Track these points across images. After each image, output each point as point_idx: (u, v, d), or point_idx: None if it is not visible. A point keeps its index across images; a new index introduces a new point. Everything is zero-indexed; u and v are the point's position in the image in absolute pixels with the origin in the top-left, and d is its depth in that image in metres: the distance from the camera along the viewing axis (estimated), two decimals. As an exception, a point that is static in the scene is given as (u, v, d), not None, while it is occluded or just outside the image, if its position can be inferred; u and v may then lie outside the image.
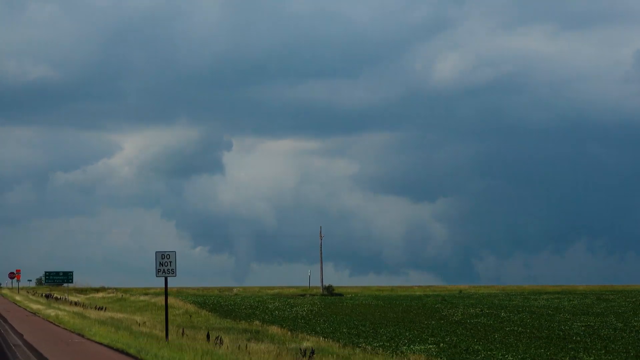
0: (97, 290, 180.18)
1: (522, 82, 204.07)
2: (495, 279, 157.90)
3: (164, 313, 77.21)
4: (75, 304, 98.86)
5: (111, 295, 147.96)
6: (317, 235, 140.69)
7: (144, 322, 60.14)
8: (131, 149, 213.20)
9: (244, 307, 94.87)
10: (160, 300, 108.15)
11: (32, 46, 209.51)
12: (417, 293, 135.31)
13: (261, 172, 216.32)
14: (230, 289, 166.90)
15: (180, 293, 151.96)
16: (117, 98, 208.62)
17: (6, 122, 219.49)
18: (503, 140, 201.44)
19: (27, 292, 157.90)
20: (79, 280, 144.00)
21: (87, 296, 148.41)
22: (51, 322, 56.60)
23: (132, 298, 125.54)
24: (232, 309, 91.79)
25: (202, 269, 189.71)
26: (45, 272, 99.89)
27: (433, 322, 62.51)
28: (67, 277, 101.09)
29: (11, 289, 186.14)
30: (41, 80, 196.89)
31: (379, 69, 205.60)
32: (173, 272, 40.57)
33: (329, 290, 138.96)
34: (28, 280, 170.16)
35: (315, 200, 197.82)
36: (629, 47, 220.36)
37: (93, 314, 69.86)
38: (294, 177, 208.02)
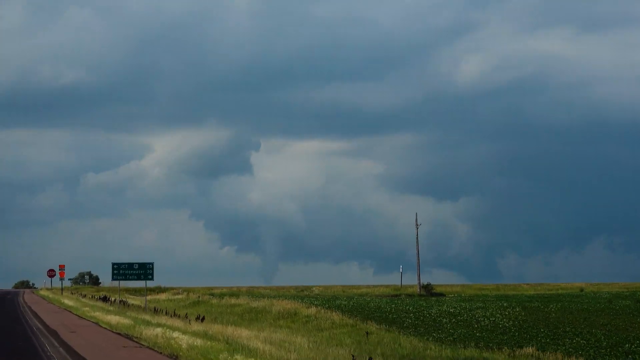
0: (154, 290, 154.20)
1: (543, 83, 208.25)
2: (517, 277, 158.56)
3: (309, 326, 57.96)
4: (155, 310, 69.69)
5: (179, 296, 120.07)
6: (344, 234, 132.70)
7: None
8: (161, 151, 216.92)
9: (390, 312, 67.73)
10: (265, 304, 79.10)
11: (67, 50, 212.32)
12: (529, 292, 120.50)
13: (288, 172, 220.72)
14: (308, 288, 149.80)
15: (252, 293, 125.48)
16: (149, 101, 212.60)
17: (40, 124, 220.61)
18: (524, 140, 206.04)
19: (72, 293, 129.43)
20: (105, 281, 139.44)
21: (148, 298, 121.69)
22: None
23: (214, 301, 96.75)
24: (385, 316, 63.39)
25: (230, 269, 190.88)
26: (114, 265, 70.67)
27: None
28: (145, 270, 71.76)
29: (51, 289, 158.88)
30: (74, 83, 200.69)
31: (403, 71, 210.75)
32: None
33: (428, 289, 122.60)
34: (61, 279, 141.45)
35: (341, 200, 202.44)
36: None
37: (224, 334, 41.51)
38: (320, 177, 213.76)
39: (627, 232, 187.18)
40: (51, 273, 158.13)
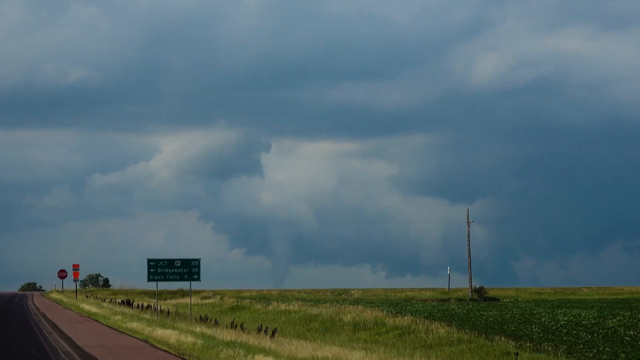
0: (176, 293, 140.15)
1: (560, 82, 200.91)
2: (532, 281, 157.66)
3: (408, 341, 48.29)
4: (203, 319, 55.99)
5: (210, 301, 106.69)
6: (356, 237, 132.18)
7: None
8: (169, 152, 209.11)
9: (496, 322, 54.49)
10: (330, 312, 65.79)
11: (73, 48, 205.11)
12: (593, 297, 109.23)
13: (299, 174, 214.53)
14: (347, 291, 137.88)
15: (284, 297, 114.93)
16: (156, 100, 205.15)
17: (46, 124, 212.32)
18: (540, 141, 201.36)
19: (87, 296, 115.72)
20: (114, 283, 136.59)
21: (172, 302, 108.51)
22: None
23: (258, 306, 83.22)
24: (490, 326, 49.70)
25: (239, 271, 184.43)
26: (150, 262, 57.05)
27: None
28: (190, 269, 58.16)
29: (62, 291, 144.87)
30: (80, 82, 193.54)
31: (417, 71, 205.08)
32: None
33: (480, 293, 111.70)
34: (75, 281, 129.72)
35: (353, 202, 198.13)
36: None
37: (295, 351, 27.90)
38: (332, 178, 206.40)
39: None
40: (62, 274, 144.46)
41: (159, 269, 58.75)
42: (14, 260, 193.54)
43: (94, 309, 69.58)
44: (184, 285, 60.42)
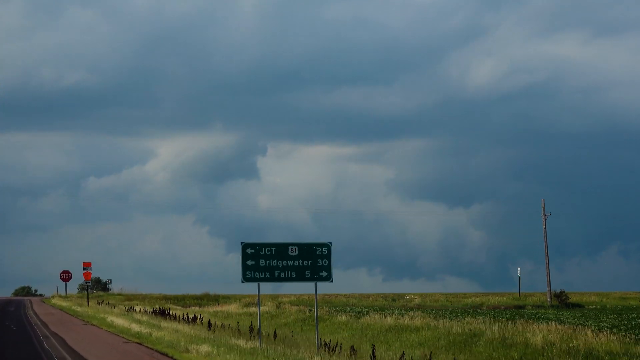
0: (201, 298, 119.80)
1: (556, 88, 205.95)
2: (530, 286, 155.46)
3: None
4: (329, 347, 32.26)
5: (262, 309, 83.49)
6: (353, 241, 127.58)
7: None
8: (166, 155, 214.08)
9: None
10: (411, 321, 44.27)
11: (69, 52, 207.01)
12: None
13: (296, 177, 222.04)
14: (401, 295, 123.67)
15: (330, 303, 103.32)
16: (153, 104, 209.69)
17: (41, 127, 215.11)
18: (536, 145, 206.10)
19: (99, 303, 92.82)
20: (114, 287, 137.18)
21: (208, 310, 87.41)
22: None
23: (341, 318, 62.37)
24: None
25: (236, 275, 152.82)
26: (247, 248, 33.32)
27: None
28: (314, 260, 35.32)
29: (66, 297, 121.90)
30: (77, 86, 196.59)
31: (414, 76, 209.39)
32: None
33: (561, 298, 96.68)
34: (86, 283, 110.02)
35: (350, 206, 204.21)
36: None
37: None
38: (329, 182, 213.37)
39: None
40: (66, 276, 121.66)
41: (261, 260, 35.87)
42: (7, 264, 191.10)
43: (134, 326, 46.13)
44: (304, 287, 38.52)
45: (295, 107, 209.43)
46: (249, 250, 36.69)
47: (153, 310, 71.15)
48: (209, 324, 47.63)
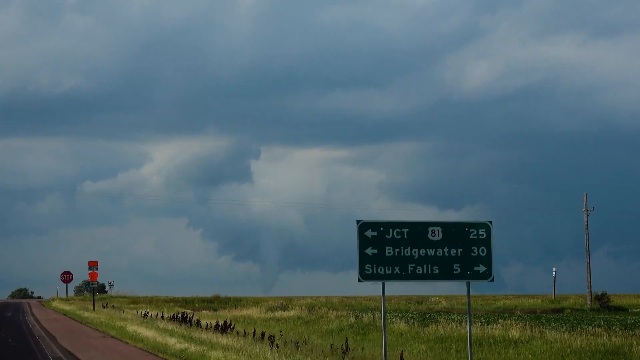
0: (211, 300, 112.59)
1: (551, 90, 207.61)
2: (519, 287, 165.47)
3: None
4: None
5: (286, 313, 76.10)
6: (344, 243, 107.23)
7: None
8: (160, 159, 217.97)
9: None
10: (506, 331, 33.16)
11: (65, 57, 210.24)
12: None
13: (289, 181, 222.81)
14: (425, 298, 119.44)
15: (349, 305, 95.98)
16: (148, 108, 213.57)
17: (37, 132, 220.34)
18: (530, 148, 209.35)
19: (104, 306, 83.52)
20: (111, 290, 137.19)
21: (225, 314, 79.69)
22: None
23: (400, 326, 52.40)
24: None
25: (228, 278, 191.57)
26: (362, 227, 22.85)
27: None
28: (467, 247, 24.80)
29: (67, 299, 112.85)
30: (73, 91, 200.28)
31: (408, 78, 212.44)
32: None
33: (603, 301, 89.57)
34: (92, 285, 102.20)
35: (343, 209, 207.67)
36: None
37: None
38: (322, 185, 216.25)
39: (634, 242, 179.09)
40: (67, 277, 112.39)
41: (387, 248, 25.39)
42: (4, 267, 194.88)
43: (170, 341, 36.08)
44: (453, 287, 29.33)
45: (288, 110, 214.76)
46: (369, 233, 25.41)
47: (173, 316, 61.61)
48: (255, 334, 38.01)
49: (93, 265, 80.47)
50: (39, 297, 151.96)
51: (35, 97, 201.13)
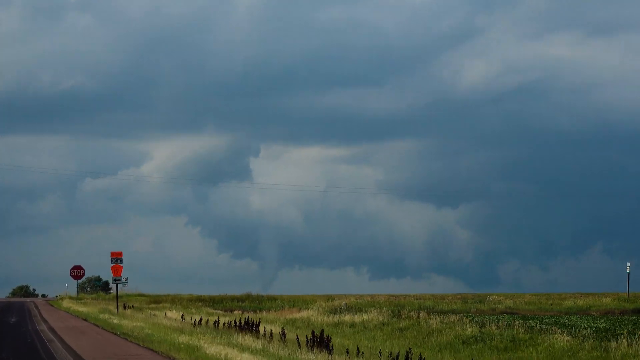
0: (240, 299, 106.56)
1: (547, 88, 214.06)
2: (515, 285, 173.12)
3: None
4: None
5: (360, 318, 61.41)
6: (342, 241, 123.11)
7: None
8: (160, 157, 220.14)
9: None
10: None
11: (66, 56, 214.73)
12: None
13: (288, 178, 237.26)
14: (485, 296, 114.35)
15: (379, 304, 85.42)
16: (147, 107, 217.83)
17: (38, 130, 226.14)
18: (527, 146, 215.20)
19: (126, 307, 69.27)
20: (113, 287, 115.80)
21: (273, 317, 65.70)
22: None
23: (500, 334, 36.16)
24: None
25: (227, 275, 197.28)
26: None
27: None
28: None
29: (79, 298, 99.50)
30: (73, 89, 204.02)
31: (406, 77, 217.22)
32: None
33: None
34: (116, 279, 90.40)
35: (340, 206, 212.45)
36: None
37: None
38: (320, 183, 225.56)
39: (630, 240, 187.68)
40: (77, 272, 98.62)
41: None
42: (5, 265, 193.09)
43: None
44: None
45: (287, 108, 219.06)
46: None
47: (235, 322, 46.81)
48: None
49: (117, 257, 65.45)
50: (43, 296, 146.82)
51: (36, 96, 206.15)
